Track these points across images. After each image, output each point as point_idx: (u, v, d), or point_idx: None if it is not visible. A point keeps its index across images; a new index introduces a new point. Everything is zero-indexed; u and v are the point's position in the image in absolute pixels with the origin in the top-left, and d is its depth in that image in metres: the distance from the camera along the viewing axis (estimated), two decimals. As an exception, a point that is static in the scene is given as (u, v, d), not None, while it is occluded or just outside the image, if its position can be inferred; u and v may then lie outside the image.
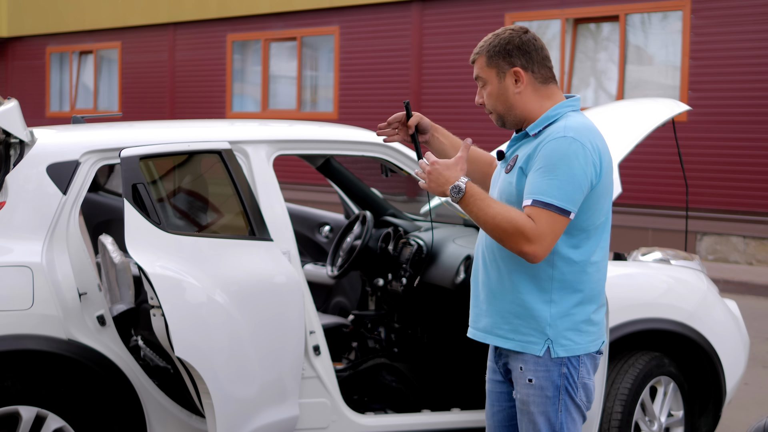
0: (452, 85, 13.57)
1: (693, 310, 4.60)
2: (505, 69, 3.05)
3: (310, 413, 4.04)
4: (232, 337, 3.62)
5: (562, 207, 2.89)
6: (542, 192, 2.89)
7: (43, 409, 3.74)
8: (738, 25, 11.04)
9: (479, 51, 3.10)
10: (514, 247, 2.89)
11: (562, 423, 3.01)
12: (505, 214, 2.89)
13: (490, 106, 3.10)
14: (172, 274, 3.49)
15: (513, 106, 3.07)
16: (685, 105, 5.09)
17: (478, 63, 3.11)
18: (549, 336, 2.99)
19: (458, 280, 4.52)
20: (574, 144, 2.92)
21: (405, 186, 5.97)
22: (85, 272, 3.83)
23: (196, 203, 4.29)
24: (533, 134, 3.03)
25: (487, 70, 3.08)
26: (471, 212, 2.94)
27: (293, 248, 4.02)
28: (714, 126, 11.15)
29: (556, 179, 2.89)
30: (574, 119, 3.00)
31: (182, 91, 17.57)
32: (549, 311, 2.99)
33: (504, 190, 3.05)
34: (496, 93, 3.08)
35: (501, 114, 3.10)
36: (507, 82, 3.06)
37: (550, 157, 2.91)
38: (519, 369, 3.03)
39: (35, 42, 20.91)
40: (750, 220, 11.03)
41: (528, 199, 2.91)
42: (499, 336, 3.05)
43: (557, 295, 2.99)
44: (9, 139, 4.14)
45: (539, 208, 2.88)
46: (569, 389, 3.01)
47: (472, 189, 2.93)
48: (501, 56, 3.06)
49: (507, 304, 3.02)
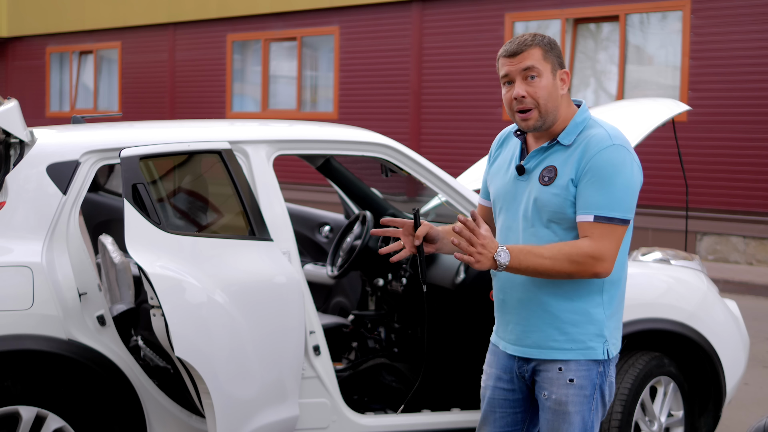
0: (452, 85, 13.57)
1: (693, 310, 4.60)
2: (557, 67, 3.01)
3: (310, 413, 4.04)
4: (232, 337, 3.62)
5: (624, 218, 2.90)
6: (603, 206, 2.88)
7: (43, 409, 3.74)
8: (738, 25, 11.04)
9: (531, 42, 2.99)
10: (588, 273, 2.89)
11: (593, 421, 3.03)
12: (563, 250, 2.87)
13: (543, 99, 2.98)
14: (172, 274, 3.49)
15: (558, 106, 3.01)
16: (685, 105, 5.09)
17: (531, 54, 2.98)
18: (606, 337, 3.00)
19: (458, 280, 4.52)
20: (623, 151, 2.92)
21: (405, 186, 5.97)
22: (85, 272, 3.83)
23: (196, 203, 4.29)
24: (568, 144, 2.99)
25: (544, 63, 2.99)
26: (527, 268, 2.88)
27: (293, 248, 4.02)
28: (714, 126, 11.15)
29: (616, 191, 2.88)
30: (608, 125, 3.01)
31: (182, 91, 17.57)
32: (603, 312, 3.00)
33: (549, 203, 2.97)
34: (551, 87, 2.99)
35: (548, 111, 2.99)
36: (557, 81, 3.01)
37: (605, 169, 2.89)
38: (557, 370, 3.01)
39: (35, 42, 20.91)
40: (750, 220, 11.03)
41: (589, 215, 2.88)
42: (555, 348, 3.00)
43: (607, 295, 3.01)
44: (9, 139, 4.14)
45: (602, 224, 2.87)
46: (602, 387, 3.03)
47: (513, 249, 2.88)
48: (555, 54, 3.01)
49: (562, 314, 2.99)
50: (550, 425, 3.04)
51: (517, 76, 2.99)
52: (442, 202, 5.13)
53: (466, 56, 13.36)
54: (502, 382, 3.16)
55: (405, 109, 14.14)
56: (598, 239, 2.88)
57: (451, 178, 4.36)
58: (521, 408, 3.16)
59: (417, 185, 5.03)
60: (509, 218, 3.10)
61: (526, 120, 3.00)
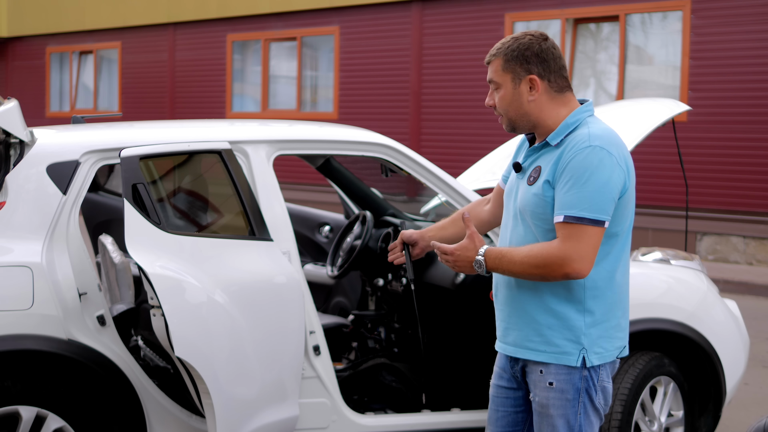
0: (452, 85, 13.57)
1: (693, 310, 4.60)
2: (522, 75, 2.99)
3: (310, 413, 4.04)
4: (232, 337, 3.62)
5: (594, 218, 2.85)
6: (573, 206, 2.86)
7: (43, 409, 3.74)
8: (738, 25, 11.04)
9: (496, 53, 3.03)
10: (558, 276, 2.88)
11: (581, 425, 3.00)
12: (530, 253, 2.89)
13: (502, 110, 3.04)
14: (172, 274, 3.49)
15: (527, 113, 3.01)
16: (685, 105, 5.09)
17: (493, 65, 3.03)
18: (584, 345, 2.96)
19: (458, 280, 4.52)
20: (601, 152, 2.88)
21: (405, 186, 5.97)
22: (85, 272, 3.83)
23: (196, 203, 4.30)
24: (555, 144, 2.98)
25: (502, 74, 3.01)
26: (504, 272, 2.97)
27: (293, 248, 4.02)
28: (714, 126, 11.15)
29: (586, 190, 2.85)
30: (596, 126, 2.97)
31: (182, 91, 17.57)
32: (583, 320, 2.96)
33: (529, 203, 2.98)
34: (509, 98, 3.01)
35: (512, 119, 3.04)
36: (522, 88, 3.00)
37: (578, 169, 2.87)
38: (539, 372, 3.00)
39: (35, 42, 20.91)
40: (750, 220, 11.03)
41: (560, 216, 2.87)
42: (530, 349, 3.01)
43: (590, 303, 2.96)
44: (9, 139, 4.14)
45: (572, 224, 2.85)
46: (589, 392, 2.99)
47: (490, 255, 2.95)
48: (518, 61, 2.99)
49: (538, 316, 2.98)
50: (537, 427, 3.05)
51: (490, 86, 3.10)
52: (442, 202, 5.13)
53: (466, 56, 13.36)
54: (503, 380, 3.17)
55: (405, 109, 14.14)
56: (567, 240, 2.85)
57: (451, 178, 4.36)
58: (522, 408, 3.15)
59: (417, 185, 5.04)
60: (506, 215, 3.15)
61: (503, 124, 3.10)
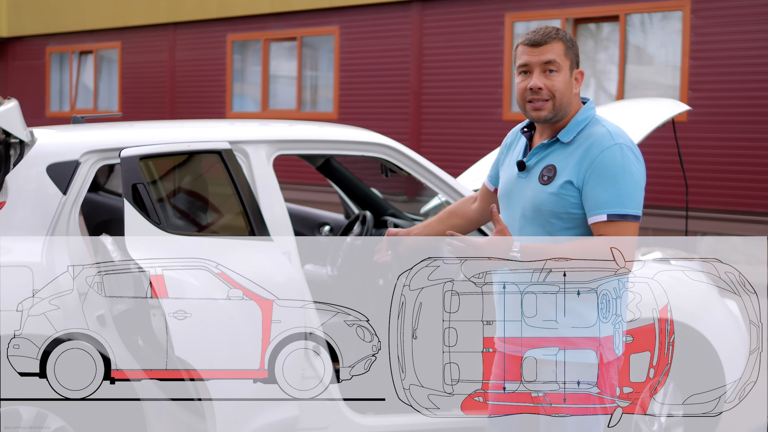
0: (452, 85, 13.57)
1: (693, 310, 4.60)
2: (575, 66, 3.03)
3: (310, 413, 4.04)
4: (232, 337, 3.62)
5: (636, 214, 2.91)
6: (615, 204, 2.88)
7: (43, 409, 3.74)
8: (738, 25, 11.04)
9: (555, 35, 2.99)
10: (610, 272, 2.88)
11: (590, 423, 3.01)
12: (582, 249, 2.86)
13: (558, 93, 2.98)
14: (171, 274, 3.49)
15: (570, 103, 3.01)
16: (685, 105, 5.10)
17: (554, 47, 2.99)
18: (601, 342, 2.97)
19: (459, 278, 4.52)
20: (626, 149, 2.92)
21: (405, 186, 5.97)
22: (85, 272, 3.83)
23: (196, 203, 4.30)
24: (567, 141, 2.99)
25: (565, 59, 3.00)
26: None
27: (293, 248, 4.02)
28: (714, 126, 11.15)
29: (625, 188, 2.88)
30: (610, 124, 3.00)
31: (182, 91, 17.57)
32: (595, 316, 2.98)
33: (546, 202, 2.96)
34: (567, 83, 3.00)
35: (559, 106, 2.99)
36: (572, 78, 3.02)
37: (610, 168, 2.89)
38: (545, 370, 3.01)
39: (35, 42, 20.91)
40: (750, 220, 11.03)
41: (601, 215, 2.89)
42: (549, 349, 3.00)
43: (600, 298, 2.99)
44: (9, 139, 4.14)
45: (616, 222, 2.88)
46: (601, 390, 3.00)
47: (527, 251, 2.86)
48: (574, 51, 3.03)
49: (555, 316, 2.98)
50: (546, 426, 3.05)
51: (537, 68, 2.98)
52: (442, 202, 5.13)
53: (466, 56, 13.36)
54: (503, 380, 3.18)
55: (405, 109, 14.14)
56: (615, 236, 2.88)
57: (451, 178, 4.36)
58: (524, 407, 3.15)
59: (417, 185, 5.03)
60: (508, 216, 3.11)
61: (538, 111, 2.99)
